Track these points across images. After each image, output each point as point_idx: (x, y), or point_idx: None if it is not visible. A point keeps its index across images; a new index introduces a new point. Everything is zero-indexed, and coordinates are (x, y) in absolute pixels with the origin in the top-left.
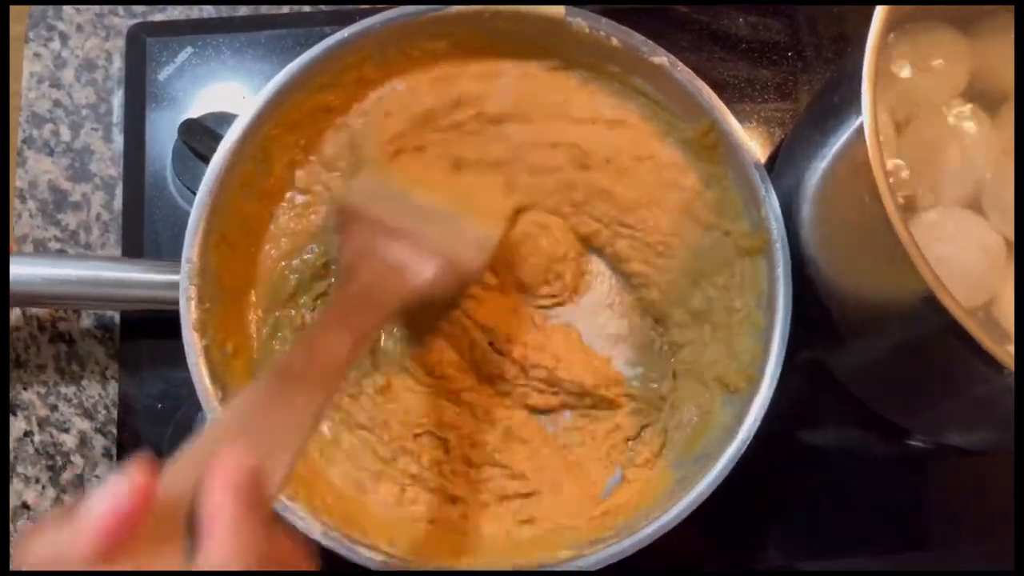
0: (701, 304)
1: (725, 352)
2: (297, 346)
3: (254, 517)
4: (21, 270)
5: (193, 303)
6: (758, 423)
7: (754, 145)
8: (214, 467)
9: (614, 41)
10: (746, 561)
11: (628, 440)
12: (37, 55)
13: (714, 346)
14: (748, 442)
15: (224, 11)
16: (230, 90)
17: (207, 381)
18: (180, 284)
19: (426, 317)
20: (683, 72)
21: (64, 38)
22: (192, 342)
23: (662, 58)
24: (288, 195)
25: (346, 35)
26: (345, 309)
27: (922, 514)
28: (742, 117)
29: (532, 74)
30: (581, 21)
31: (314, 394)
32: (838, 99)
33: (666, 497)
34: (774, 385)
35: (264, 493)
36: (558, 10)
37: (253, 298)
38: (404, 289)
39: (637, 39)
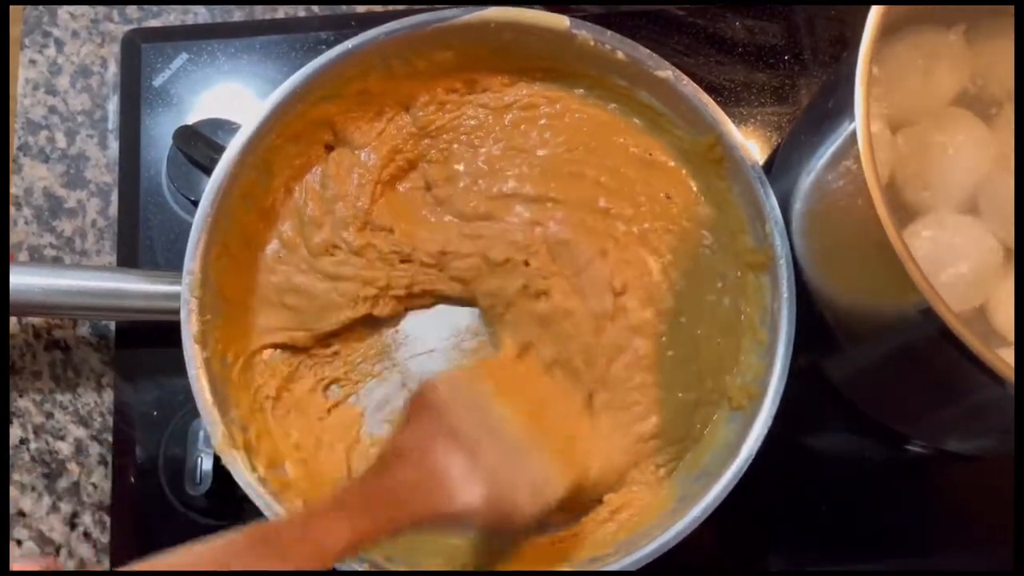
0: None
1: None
2: (294, 516)
3: None
4: (19, 280)
5: (194, 315)
6: (760, 441)
7: (752, 150)
8: None
9: (619, 54)
10: (747, 565)
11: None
12: (32, 61)
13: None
14: (750, 461)
15: (217, 13)
16: (225, 96)
17: (207, 393)
18: (182, 296)
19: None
20: (688, 86)
21: (59, 44)
22: (193, 354)
23: (667, 72)
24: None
25: (350, 46)
26: (364, 498)
27: (921, 519)
28: (739, 121)
29: None
30: (586, 34)
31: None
32: (833, 104)
33: (667, 515)
34: (777, 402)
35: None
36: (563, 23)
37: (253, 308)
38: (436, 506)
39: (642, 52)
